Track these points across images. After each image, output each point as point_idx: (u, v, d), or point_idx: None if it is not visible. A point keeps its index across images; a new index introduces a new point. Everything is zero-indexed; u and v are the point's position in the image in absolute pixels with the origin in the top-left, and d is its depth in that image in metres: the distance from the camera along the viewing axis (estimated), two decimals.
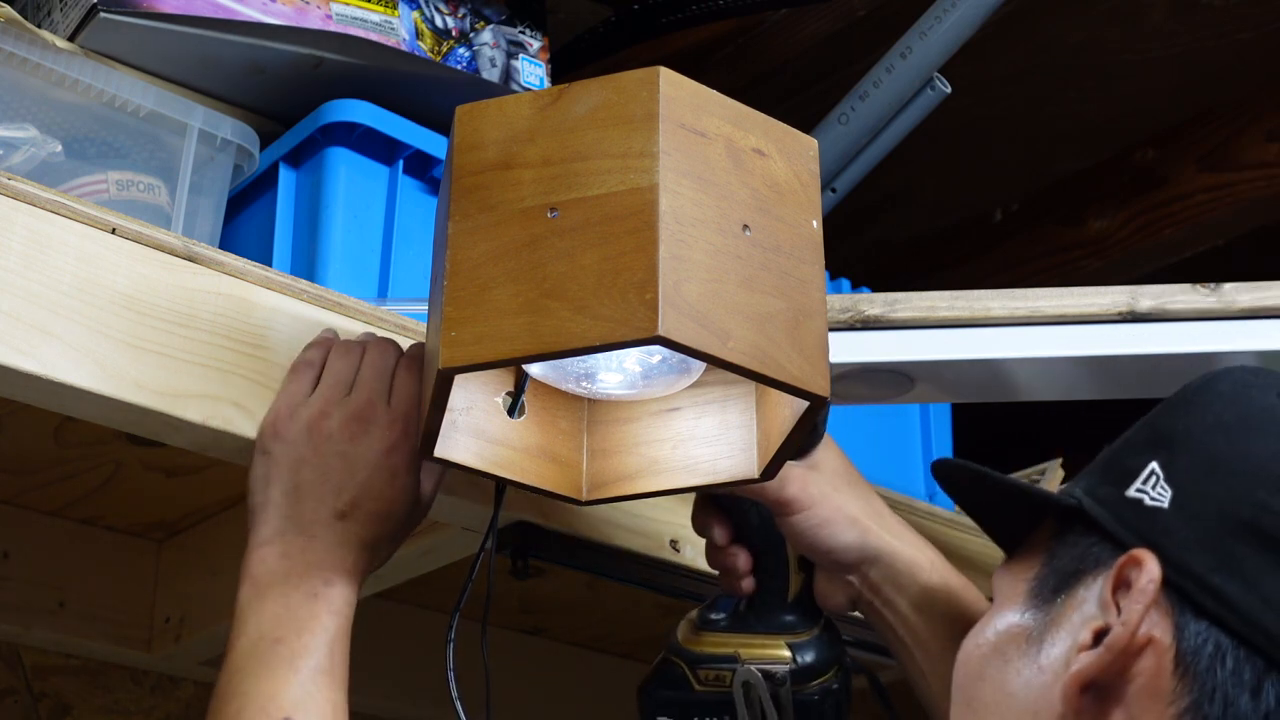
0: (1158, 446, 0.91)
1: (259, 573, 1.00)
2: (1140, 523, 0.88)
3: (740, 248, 0.91)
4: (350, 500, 1.02)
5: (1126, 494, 0.90)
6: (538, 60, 1.45)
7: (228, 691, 0.97)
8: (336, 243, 1.26)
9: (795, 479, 1.09)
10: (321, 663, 0.97)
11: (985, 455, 1.83)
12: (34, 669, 1.56)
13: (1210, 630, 0.85)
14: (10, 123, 1.14)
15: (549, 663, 1.78)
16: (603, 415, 1.09)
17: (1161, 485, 0.89)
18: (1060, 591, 0.91)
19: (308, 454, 1.03)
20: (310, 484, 1.02)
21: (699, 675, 1.12)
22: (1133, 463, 0.91)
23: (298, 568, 1.00)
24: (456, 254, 0.92)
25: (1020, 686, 0.90)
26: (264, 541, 1.01)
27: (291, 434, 1.04)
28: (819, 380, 0.92)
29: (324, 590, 1.00)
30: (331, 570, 1.01)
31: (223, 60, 1.28)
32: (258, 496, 1.03)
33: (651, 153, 0.89)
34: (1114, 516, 0.89)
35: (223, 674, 0.98)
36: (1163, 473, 0.89)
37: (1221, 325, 1.25)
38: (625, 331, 0.87)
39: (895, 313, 1.28)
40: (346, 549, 1.02)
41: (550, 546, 1.23)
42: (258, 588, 1.00)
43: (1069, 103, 1.80)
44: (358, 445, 1.02)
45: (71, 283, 1.02)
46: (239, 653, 0.98)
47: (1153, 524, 0.88)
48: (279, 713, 0.94)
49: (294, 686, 0.96)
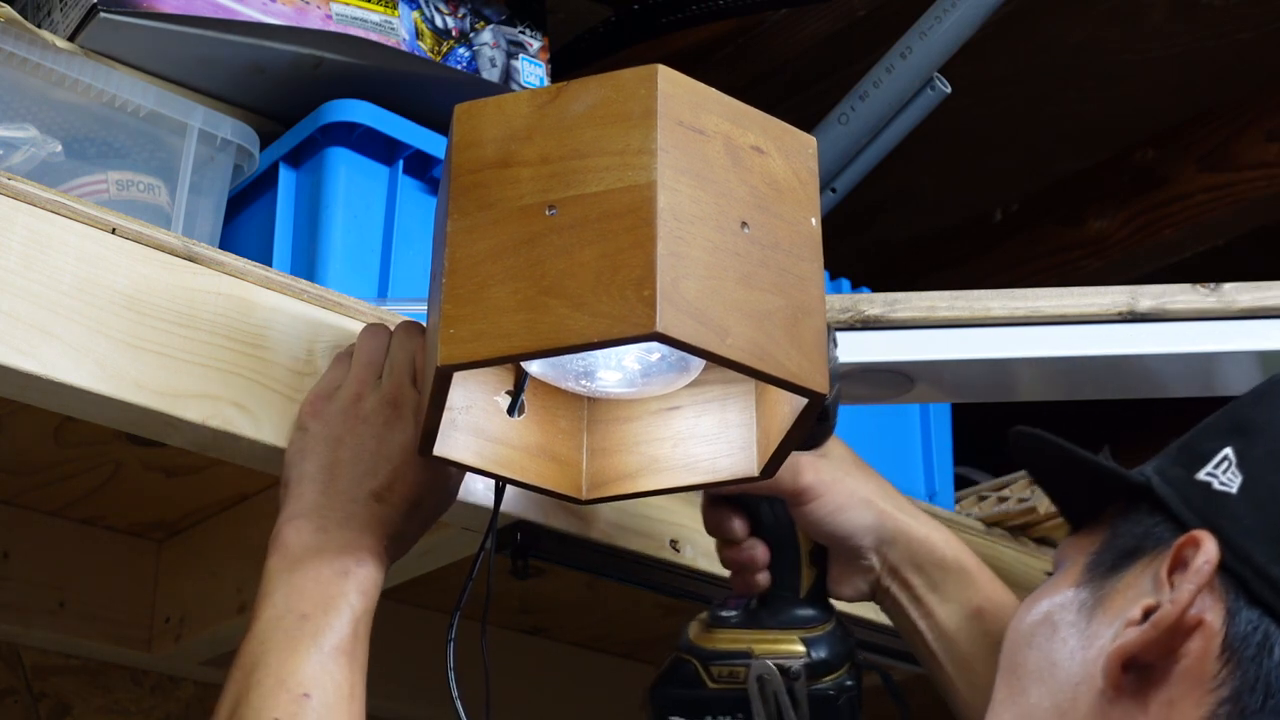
0: (1234, 433, 0.91)
1: (293, 543, 1.00)
2: (1206, 505, 0.88)
3: (739, 245, 0.91)
4: (385, 483, 1.02)
5: (1196, 476, 0.90)
6: (538, 60, 1.45)
7: (249, 660, 0.96)
8: (336, 243, 1.26)
9: (808, 467, 1.09)
10: (344, 643, 0.97)
11: (985, 455, 1.83)
12: (34, 669, 1.56)
13: (1262, 620, 0.85)
14: (10, 123, 1.15)
15: (549, 663, 1.78)
16: (602, 414, 1.09)
17: (1233, 471, 0.89)
18: (1118, 568, 0.91)
19: (344, 433, 1.03)
20: (347, 462, 1.02)
21: (712, 672, 1.12)
22: (1207, 446, 0.91)
23: (333, 544, 1.00)
24: (455, 252, 0.92)
25: (1065, 657, 0.90)
26: (299, 514, 1.01)
27: (329, 413, 1.04)
28: (818, 377, 0.92)
29: (355, 569, 1.00)
30: (365, 550, 1.01)
31: (223, 60, 1.28)
32: (293, 470, 1.04)
33: (650, 150, 0.89)
34: (1180, 497, 0.90)
35: (247, 640, 0.98)
36: (1235, 459, 0.89)
37: (1221, 325, 1.25)
38: (624, 328, 0.87)
39: (895, 313, 1.28)
40: (380, 531, 1.02)
41: (550, 546, 1.23)
42: (289, 559, 1.00)
43: (1069, 103, 1.80)
44: (392, 431, 1.03)
45: (71, 283, 1.02)
46: (264, 622, 0.98)
47: (1218, 508, 0.88)
48: (298, 688, 0.94)
49: (314, 664, 0.96)
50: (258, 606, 0.99)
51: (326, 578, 0.99)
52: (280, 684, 0.94)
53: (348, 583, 0.99)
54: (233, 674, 0.97)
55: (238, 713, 0.94)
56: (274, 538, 1.01)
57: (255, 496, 1.45)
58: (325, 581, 0.99)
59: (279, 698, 0.94)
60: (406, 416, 1.03)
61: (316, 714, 0.94)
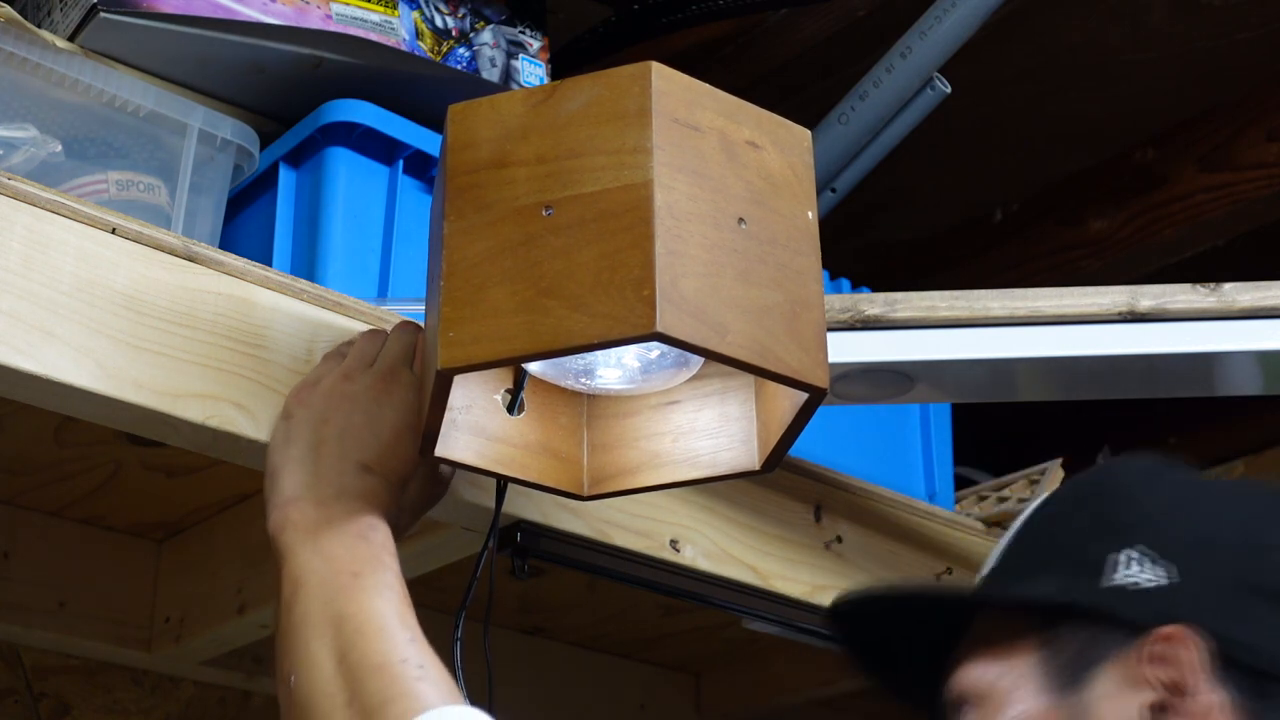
0: (1119, 534, 0.95)
1: (300, 520, 0.99)
2: (1147, 604, 0.93)
3: (736, 241, 0.91)
4: (374, 457, 1.01)
5: (1115, 582, 0.94)
6: (538, 60, 1.45)
7: (321, 617, 0.95)
8: (336, 243, 1.26)
9: None
10: (405, 595, 0.97)
11: (986, 455, 1.83)
12: (34, 669, 1.56)
13: (1258, 681, 0.91)
14: (10, 123, 1.15)
15: (549, 663, 1.78)
16: (602, 410, 1.09)
17: (1150, 568, 0.93)
18: (1079, 681, 0.94)
19: (330, 412, 1.02)
20: (332, 439, 1.01)
21: None
22: (1100, 553, 0.95)
23: (338, 514, 0.99)
24: (453, 254, 0.92)
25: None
26: (292, 497, 1.00)
27: (314, 398, 1.03)
28: (817, 371, 0.92)
29: (371, 534, 0.99)
30: (372, 516, 1.00)
31: (223, 60, 1.28)
32: (276, 457, 1.02)
33: (645, 148, 0.89)
34: (1119, 604, 0.93)
35: (301, 602, 0.96)
36: (1143, 557, 0.94)
37: (1221, 325, 1.25)
38: (623, 329, 0.87)
39: (895, 313, 1.28)
40: (374, 500, 1.01)
41: (550, 546, 1.23)
42: (303, 532, 0.98)
43: (1069, 103, 1.80)
44: (382, 406, 1.02)
45: (71, 283, 1.02)
46: (315, 586, 0.96)
47: (1164, 602, 0.92)
48: (404, 631, 0.94)
49: (393, 606, 0.95)
50: (290, 574, 0.97)
51: (351, 542, 0.98)
52: (381, 630, 0.94)
53: (373, 546, 0.98)
54: (310, 634, 0.95)
55: (348, 660, 0.93)
56: (279, 520, 1.00)
57: (255, 496, 1.45)
58: (353, 545, 0.98)
59: (396, 638, 0.93)
60: (398, 392, 1.02)
61: (426, 650, 0.94)
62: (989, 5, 1.46)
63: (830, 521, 1.40)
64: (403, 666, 0.92)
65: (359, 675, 0.92)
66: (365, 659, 0.93)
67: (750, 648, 1.79)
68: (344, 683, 0.92)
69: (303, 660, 0.95)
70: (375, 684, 0.92)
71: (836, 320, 1.27)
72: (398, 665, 0.92)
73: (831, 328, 1.25)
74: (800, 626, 1.40)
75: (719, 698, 1.89)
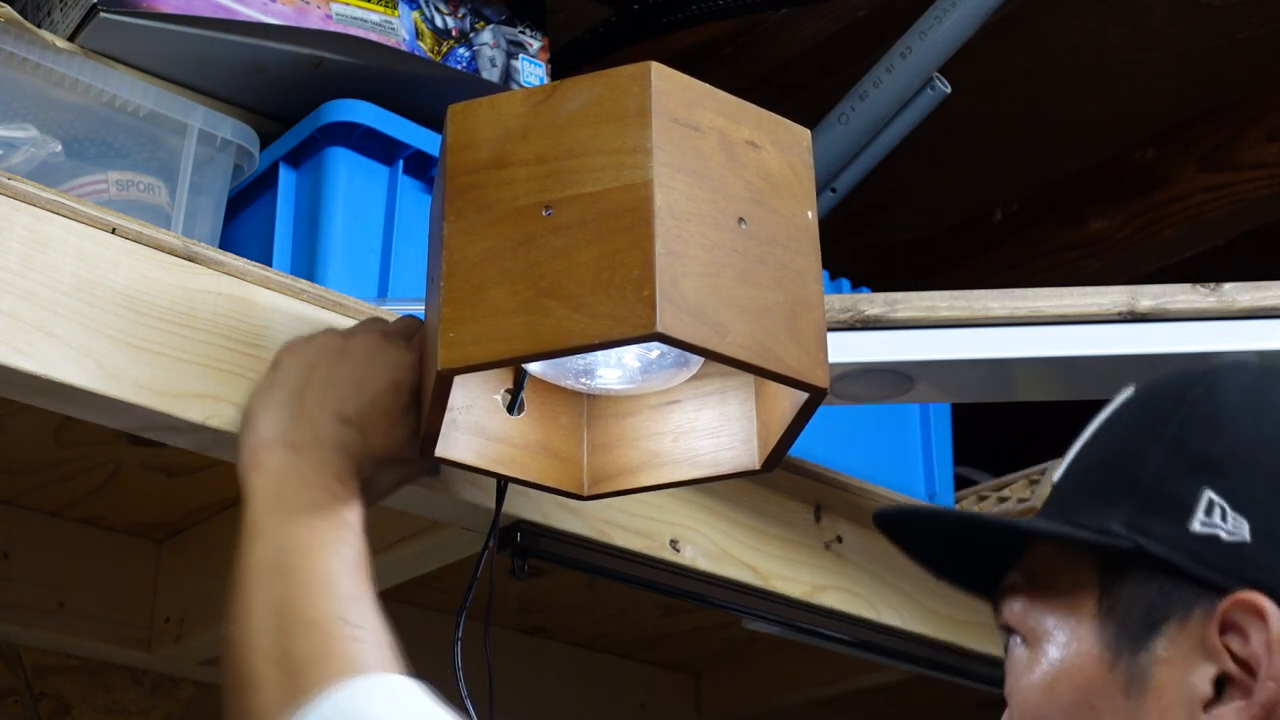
0: (1200, 471, 0.84)
1: (269, 463, 0.97)
2: (1226, 561, 0.82)
3: (736, 241, 0.91)
4: (354, 410, 1.00)
5: (1192, 529, 0.83)
6: (538, 60, 1.45)
7: (270, 565, 0.93)
8: (336, 243, 1.26)
9: None
10: (361, 554, 0.95)
11: (986, 455, 1.83)
12: (34, 669, 1.56)
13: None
14: (10, 123, 1.15)
15: (549, 663, 1.78)
16: (602, 410, 1.09)
17: (1232, 516, 0.82)
18: (1140, 640, 0.84)
19: (319, 362, 1.01)
20: (316, 386, 1.00)
21: None
22: (1179, 491, 0.84)
23: (309, 462, 0.97)
24: (453, 254, 0.92)
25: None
26: (266, 439, 0.99)
27: (307, 349, 1.02)
28: (818, 371, 0.92)
29: (338, 488, 0.97)
30: (343, 469, 0.98)
31: (223, 60, 1.28)
32: (257, 401, 1.01)
33: (645, 148, 0.89)
34: (1192, 558, 0.83)
35: (253, 551, 0.94)
36: (1225, 502, 0.83)
37: (1221, 325, 1.25)
38: (623, 329, 0.87)
39: (895, 313, 1.28)
40: (348, 455, 0.99)
41: (550, 546, 1.23)
42: (270, 476, 0.97)
43: (1069, 103, 1.80)
44: (374, 361, 1.01)
45: (71, 283, 1.02)
46: (271, 534, 0.94)
47: (1242, 561, 0.82)
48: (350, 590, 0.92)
49: (344, 563, 0.94)
50: (254, 520, 0.96)
51: (317, 495, 0.96)
52: (325, 586, 0.92)
53: (338, 499, 0.96)
54: (254, 581, 0.93)
55: (284, 614, 0.91)
56: (249, 461, 0.98)
57: None
58: (317, 498, 0.96)
59: (339, 595, 0.91)
60: (391, 352, 1.01)
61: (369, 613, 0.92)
62: (989, 5, 1.47)
63: (830, 521, 1.40)
64: (338, 625, 0.89)
65: (292, 630, 0.90)
66: (301, 614, 0.90)
67: (750, 648, 1.79)
68: (276, 637, 0.89)
69: (242, 608, 0.93)
70: (305, 641, 0.89)
71: (836, 320, 1.27)
72: (333, 623, 0.89)
73: (831, 328, 1.25)
74: (800, 626, 1.40)
75: (719, 698, 1.89)
